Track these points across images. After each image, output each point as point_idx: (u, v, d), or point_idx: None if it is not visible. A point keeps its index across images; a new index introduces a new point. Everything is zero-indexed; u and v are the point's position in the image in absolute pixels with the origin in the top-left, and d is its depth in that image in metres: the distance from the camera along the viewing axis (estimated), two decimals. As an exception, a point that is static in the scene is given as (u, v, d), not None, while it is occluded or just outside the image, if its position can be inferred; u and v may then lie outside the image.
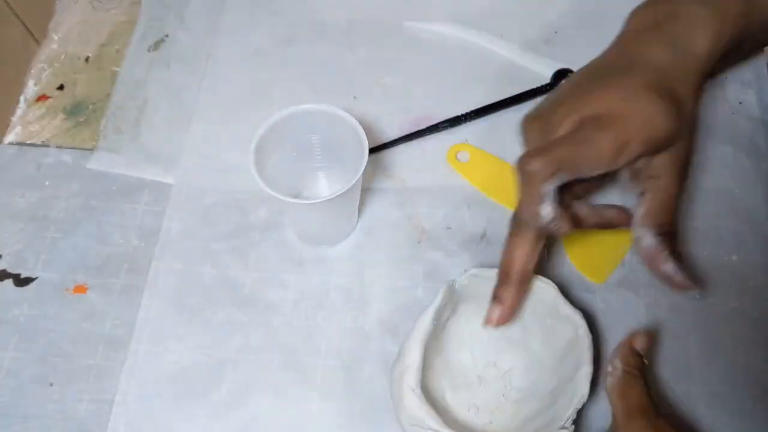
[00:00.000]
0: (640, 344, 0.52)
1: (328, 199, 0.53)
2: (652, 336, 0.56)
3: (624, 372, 0.51)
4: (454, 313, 0.55)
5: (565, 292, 0.60)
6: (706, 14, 0.51)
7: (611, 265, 0.62)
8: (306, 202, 0.54)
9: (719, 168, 0.66)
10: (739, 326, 0.59)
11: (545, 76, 0.71)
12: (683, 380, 0.57)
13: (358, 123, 0.55)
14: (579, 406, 0.49)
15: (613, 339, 0.58)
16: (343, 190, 0.52)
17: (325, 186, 0.64)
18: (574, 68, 0.71)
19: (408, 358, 0.50)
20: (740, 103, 0.69)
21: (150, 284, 0.61)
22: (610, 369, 0.52)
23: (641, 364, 0.51)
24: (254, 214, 0.65)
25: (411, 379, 0.49)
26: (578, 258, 0.62)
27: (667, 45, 0.51)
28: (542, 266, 0.61)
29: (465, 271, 0.54)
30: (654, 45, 0.51)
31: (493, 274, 0.53)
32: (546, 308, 0.54)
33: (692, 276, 0.53)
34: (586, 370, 0.50)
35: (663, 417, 0.49)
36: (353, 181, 0.53)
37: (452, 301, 0.54)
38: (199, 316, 0.60)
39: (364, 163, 0.53)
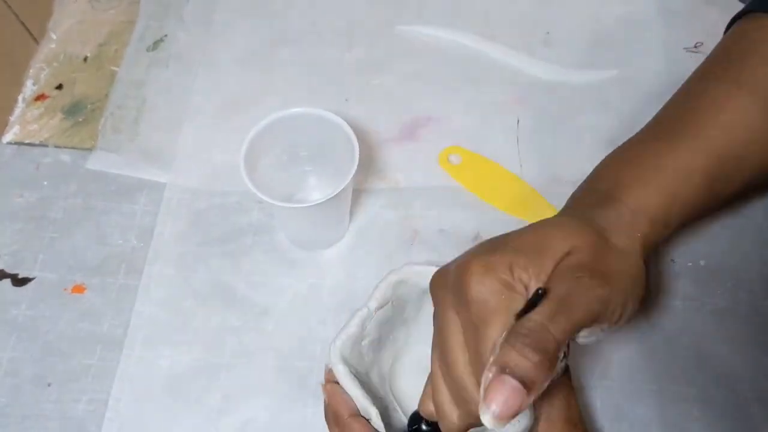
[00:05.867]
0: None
1: (319, 203, 0.53)
2: None
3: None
4: (419, 310, 0.55)
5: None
6: (643, 197, 0.48)
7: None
8: (296, 206, 0.54)
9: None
10: (734, 326, 0.59)
11: (539, 77, 0.71)
12: (676, 381, 0.57)
13: (349, 126, 0.55)
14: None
15: (607, 340, 0.58)
16: (333, 194, 0.52)
17: (316, 189, 0.64)
18: (567, 67, 0.72)
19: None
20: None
21: (142, 289, 0.62)
22: None
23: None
24: (246, 217, 0.65)
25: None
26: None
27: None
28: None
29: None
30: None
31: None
32: None
33: None
34: None
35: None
36: (343, 185, 0.53)
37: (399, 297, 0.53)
38: (192, 321, 0.60)
39: (355, 167, 0.54)
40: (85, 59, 0.75)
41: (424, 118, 0.69)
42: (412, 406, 0.54)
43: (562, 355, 0.38)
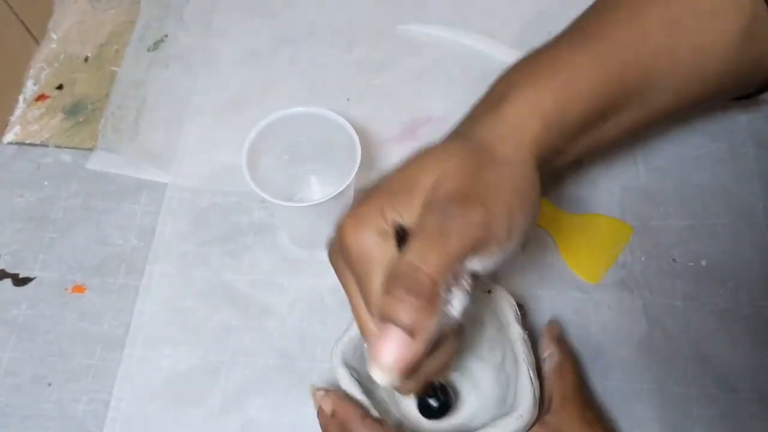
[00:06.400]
0: (559, 332, 0.53)
1: (320, 203, 0.53)
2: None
3: (561, 356, 0.51)
4: None
5: (558, 292, 0.60)
6: (536, 95, 0.45)
7: (605, 264, 0.62)
8: (297, 205, 0.54)
9: (714, 164, 0.66)
10: (734, 326, 0.59)
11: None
12: (677, 381, 0.57)
13: (350, 125, 0.55)
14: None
15: (607, 340, 0.59)
16: (334, 194, 0.53)
17: (317, 189, 0.64)
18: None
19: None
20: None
21: (144, 288, 0.62)
22: (546, 354, 0.51)
23: (571, 350, 0.52)
24: (248, 216, 0.65)
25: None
26: (572, 257, 0.62)
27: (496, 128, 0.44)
28: (536, 266, 0.61)
29: None
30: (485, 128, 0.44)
31: None
32: (494, 316, 0.52)
33: None
34: (524, 382, 0.48)
35: (593, 409, 0.50)
36: (345, 184, 0.53)
37: None
38: (193, 320, 0.60)
39: (357, 166, 0.54)
40: (86, 59, 0.75)
41: (426, 118, 0.69)
42: (414, 404, 0.54)
43: (447, 292, 0.37)
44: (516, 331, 0.49)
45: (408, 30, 0.76)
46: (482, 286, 0.51)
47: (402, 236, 0.39)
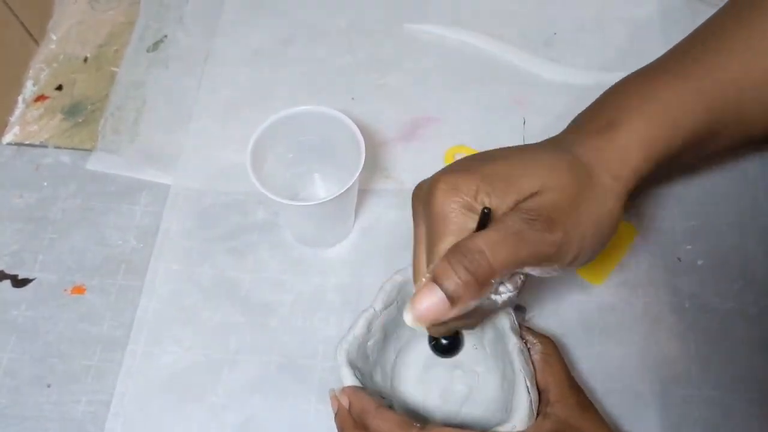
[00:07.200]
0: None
1: (324, 202, 0.53)
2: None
3: (542, 344, 0.51)
4: None
5: (562, 293, 0.60)
6: (645, 126, 0.47)
7: (609, 266, 0.62)
8: (302, 204, 0.54)
9: (720, 163, 0.66)
10: (738, 327, 0.59)
11: (544, 77, 0.71)
12: (681, 382, 0.57)
13: (355, 125, 0.55)
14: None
15: (611, 341, 0.58)
16: (339, 193, 0.52)
17: (321, 188, 0.64)
18: (573, 69, 0.72)
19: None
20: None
21: (148, 285, 0.62)
22: (528, 346, 0.51)
23: (546, 335, 0.52)
24: (252, 215, 0.65)
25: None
26: (576, 259, 0.62)
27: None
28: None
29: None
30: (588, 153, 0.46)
31: None
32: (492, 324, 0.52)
33: None
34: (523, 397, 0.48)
35: (583, 392, 0.51)
36: (349, 184, 0.53)
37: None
38: (196, 317, 0.60)
39: (361, 166, 0.53)
40: (85, 60, 0.75)
41: (430, 118, 0.69)
42: (414, 401, 0.54)
43: (499, 283, 0.41)
44: (512, 342, 0.49)
45: (413, 29, 0.76)
46: None
47: (483, 218, 0.41)
